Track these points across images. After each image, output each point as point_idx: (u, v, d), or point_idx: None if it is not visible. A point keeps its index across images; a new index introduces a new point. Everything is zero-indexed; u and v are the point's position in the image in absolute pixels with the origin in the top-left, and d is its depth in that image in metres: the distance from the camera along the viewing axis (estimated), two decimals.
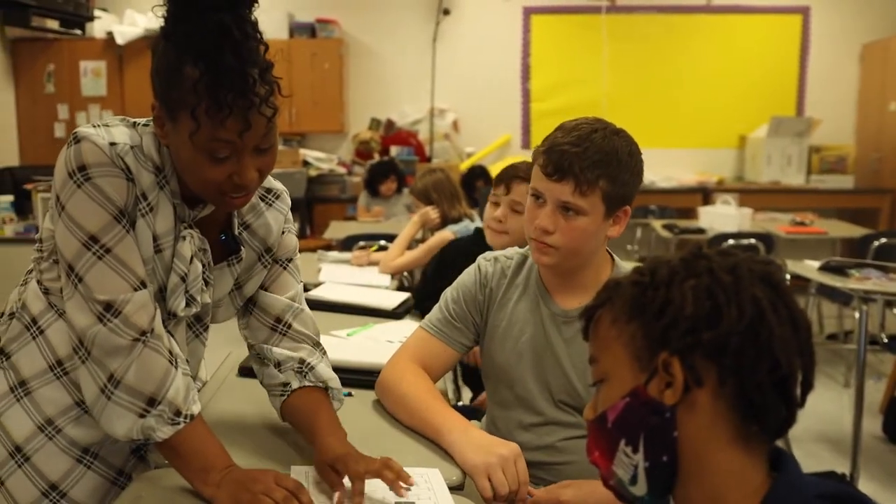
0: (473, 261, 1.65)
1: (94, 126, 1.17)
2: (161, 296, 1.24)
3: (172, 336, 1.25)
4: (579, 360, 1.48)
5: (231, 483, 1.14)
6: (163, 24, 1.11)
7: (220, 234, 1.31)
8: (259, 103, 1.09)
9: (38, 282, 1.29)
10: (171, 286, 1.24)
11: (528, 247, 1.64)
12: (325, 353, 1.42)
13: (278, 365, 1.36)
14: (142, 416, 1.15)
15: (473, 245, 2.44)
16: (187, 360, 1.30)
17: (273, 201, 1.37)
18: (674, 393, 0.81)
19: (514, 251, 1.64)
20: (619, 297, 0.87)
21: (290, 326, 1.38)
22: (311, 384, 1.35)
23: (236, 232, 1.32)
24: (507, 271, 1.60)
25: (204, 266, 1.28)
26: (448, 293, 1.62)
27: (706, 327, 0.79)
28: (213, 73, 1.06)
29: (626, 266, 1.55)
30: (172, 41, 1.10)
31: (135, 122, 1.22)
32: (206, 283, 1.29)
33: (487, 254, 1.65)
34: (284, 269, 1.40)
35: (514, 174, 2.25)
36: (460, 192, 3.69)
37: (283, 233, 1.39)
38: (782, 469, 0.82)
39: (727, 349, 0.79)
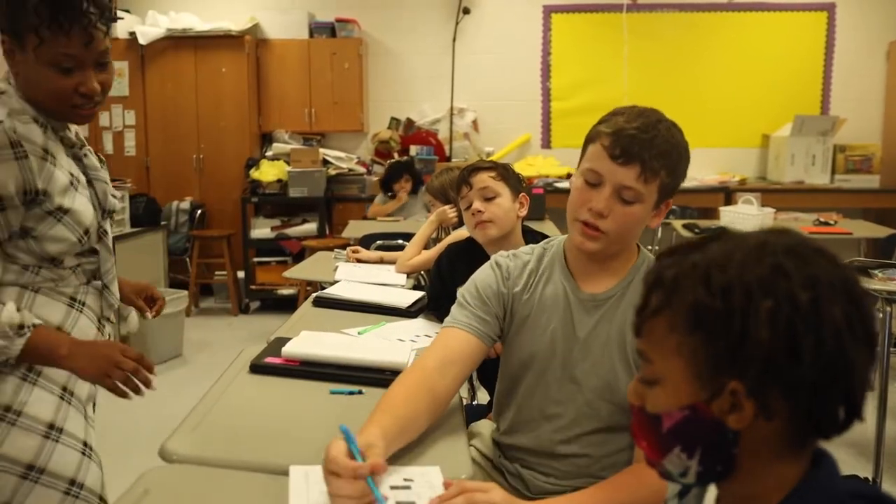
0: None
1: None
2: (102, 208, 1.51)
3: (108, 242, 1.54)
4: (605, 345, 1.48)
5: (82, 354, 1.38)
6: None
7: None
8: (95, 20, 1.33)
9: None
10: (101, 192, 1.50)
11: (543, 241, 1.63)
12: None
13: None
14: None
15: (471, 245, 2.42)
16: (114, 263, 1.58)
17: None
18: (740, 420, 0.77)
19: (530, 248, 1.64)
20: (681, 302, 0.79)
21: None
22: None
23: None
24: (528, 264, 1.59)
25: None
26: (465, 290, 1.59)
27: (783, 360, 0.74)
28: None
29: (650, 254, 1.56)
30: None
31: None
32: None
33: (503, 252, 1.65)
34: None
35: (465, 172, 2.33)
36: None
37: None
38: (817, 466, 0.80)
39: (803, 385, 0.75)
